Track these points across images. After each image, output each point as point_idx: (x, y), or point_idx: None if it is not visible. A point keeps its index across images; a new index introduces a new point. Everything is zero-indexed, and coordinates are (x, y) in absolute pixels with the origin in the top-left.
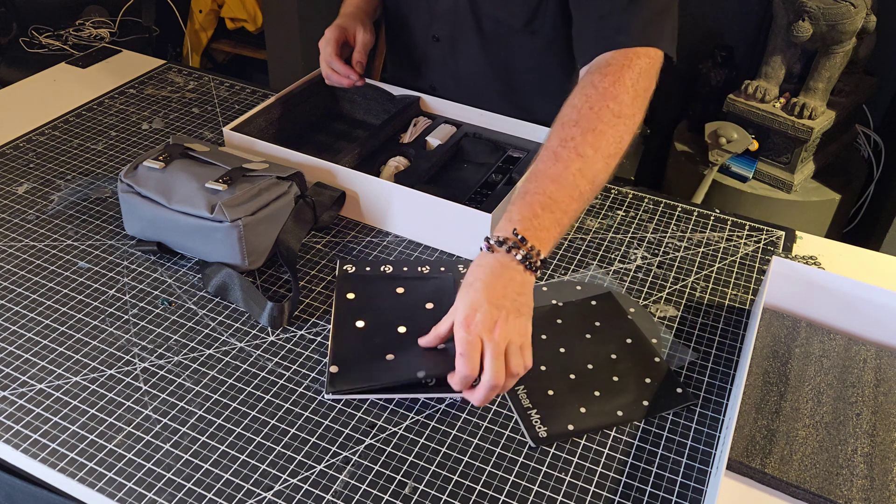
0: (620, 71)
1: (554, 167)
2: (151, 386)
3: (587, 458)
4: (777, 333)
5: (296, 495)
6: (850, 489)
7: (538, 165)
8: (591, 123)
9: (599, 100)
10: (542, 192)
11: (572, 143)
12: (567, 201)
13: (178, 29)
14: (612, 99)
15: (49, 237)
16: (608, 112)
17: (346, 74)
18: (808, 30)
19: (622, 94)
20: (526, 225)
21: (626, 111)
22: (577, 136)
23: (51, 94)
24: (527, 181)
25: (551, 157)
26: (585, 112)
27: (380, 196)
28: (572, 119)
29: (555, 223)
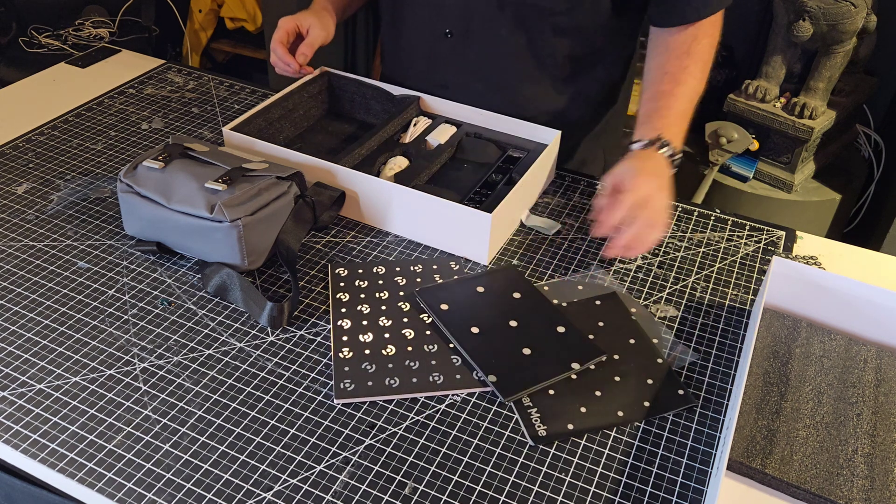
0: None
1: (677, 88)
2: (151, 386)
3: (587, 458)
4: (777, 333)
5: (295, 495)
6: (851, 489)
7: (660, 87)
8: (700, 55)
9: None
10: (673, 108)
11: (688, 70)
12: (687, 115)
13: (177, 29)
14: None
15: (48, 237)
16: (709, 45)
17: (285, 62)
18: (809, 29)
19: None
20: (666, 131)
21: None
22: (690, 64)
23: (50, 94)
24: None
25: (672, 80)
26: (694, 45)
27: (380, 196)
28: (684, 51)
29: (682, 132)
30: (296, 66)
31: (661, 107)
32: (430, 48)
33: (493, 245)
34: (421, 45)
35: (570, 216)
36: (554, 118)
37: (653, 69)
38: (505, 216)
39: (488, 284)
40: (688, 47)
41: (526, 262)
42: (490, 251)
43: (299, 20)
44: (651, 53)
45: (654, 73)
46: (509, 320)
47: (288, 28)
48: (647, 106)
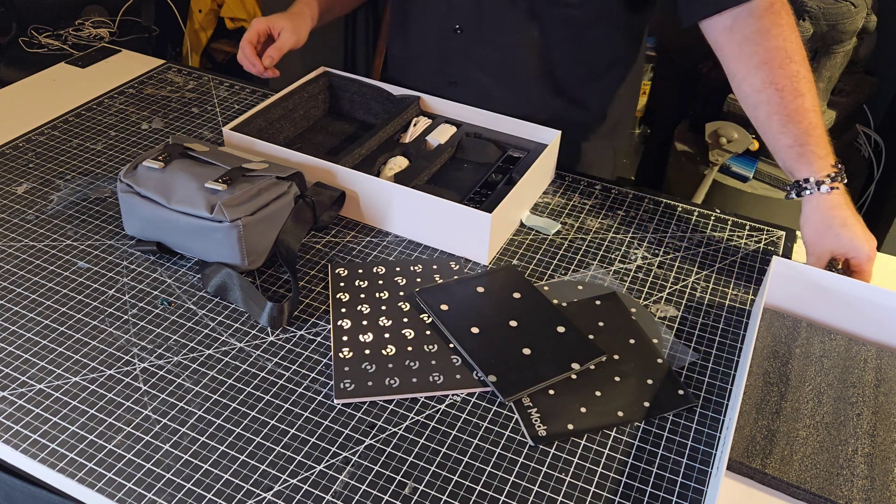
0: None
1: (806, 100)
2: (151, 386)
3: (587, 458)
4: (777, 333)
5: (295, 495)
6: (851, 489)
7: (790, 104)
8: (802, 57)
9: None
10: (817, 126)
11: (803, 77)
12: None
13: (177, 29)
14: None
15: (48, 237)
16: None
17: (251, 62)
18: (809, 29)
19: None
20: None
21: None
22: (801, 70)
23: (50, 94)
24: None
25: (794, 93)
26: (794, 48)
27: (380, 196)
28: (786, 57)
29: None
30: (260, 67)
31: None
32: (439, 45)
33: (493, 245)
34: (430, 42)
35: (570, 216)
36: (562, 118)
37: (759, 86)
38: (505, 216)
39: (488, 284)
40: (787, 52)
41: (526, 262)
42: (490, 251)
43: (272, 22)
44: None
45: (767, 93)
46: (509, 320)
47: (259, 29)
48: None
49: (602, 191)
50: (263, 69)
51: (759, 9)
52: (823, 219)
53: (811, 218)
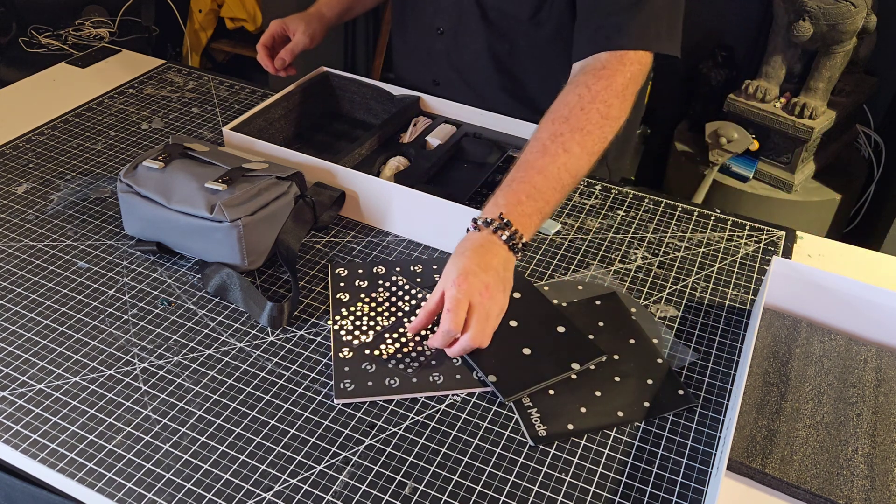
0: (613, 76)
1: (542, 160)
2: (151, 386)
3: (587, 458)
4: (777, 334)
5: (295, 495)
6: (851, 489)
7: (527, 156)
8: (580, 123)
9: (591, 101)
10: (529, 182)
11: (561, 140)
12: (550, 192)
13: (177, 29)
14: (603, 102)
15: (48, 237)
16: (597, 114)
17: (264, 64)
18: (809, 30)
19: (612, 98)
20: (511, 210)
21: (614, 114)
22: (566, 132)
23: (50, 94)
24: (515, 170)
25: (540, 150)
26: (577, 112)
27: (380, 196)
28: (563, 115)
29: (537, 211)
30: (272, 68)
31: (513, 181)
32: (426, 44)
33: None
34: (420, 41)
35: (570, 216)
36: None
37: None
38: None
39: None
40: (570, 110)
41: (526, 262)
42: None
43: (287, 24)
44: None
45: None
46: (509, 320)
47: (274, 31)
48: (509, 174)
49: (602, 191)
50: (275, 70)
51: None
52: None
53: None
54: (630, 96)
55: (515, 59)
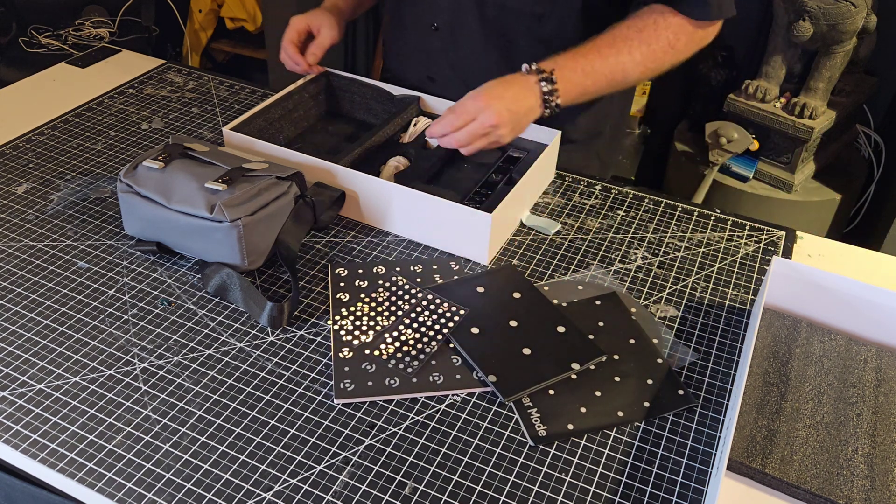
0: (687, 22)
1: (607, 49)
2: (151, 386)
3: (587, 458)
4: (777, 334)
5: (295, 495)
6: (851, 489)
7: (596, 41)
8: (649, 38)
9: (665, 28)
10: (588, 61)
11: (629, 43)
12: (600, 78)
13: (177, 29)
14: (674, 33)
15: (49, 237)
16: (666, 40)
17: (295, 61)
18: (809, 30)
19: (682, 35)
20: (563, 72)
21: (680, 47)
22: (635, 40)
23: (50, 94)
24: (582, 47)
25: (609, 42)
26: (650, 29)
27: (380, 196)
28: (637, 27)
29: (582, 87)
30: (305, 65)
31: (576, 53)
32: (421, 41)
33: (493, 245)
34: (415, 38)
35: (570, 216)
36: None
37: (612, 26)
38: (505, 216)
39: (488, 284)
40: (644, 25)
41: (526, 262)
42: (490, 251)
43: (310, 20)
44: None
45: (607, 29)
46: (509, 320)
47: (299, 28)
48: (575, 48)
49: (602, 191)
50: (308, 66)
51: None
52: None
53: None
54: (697, 41)
55: (514, 57)
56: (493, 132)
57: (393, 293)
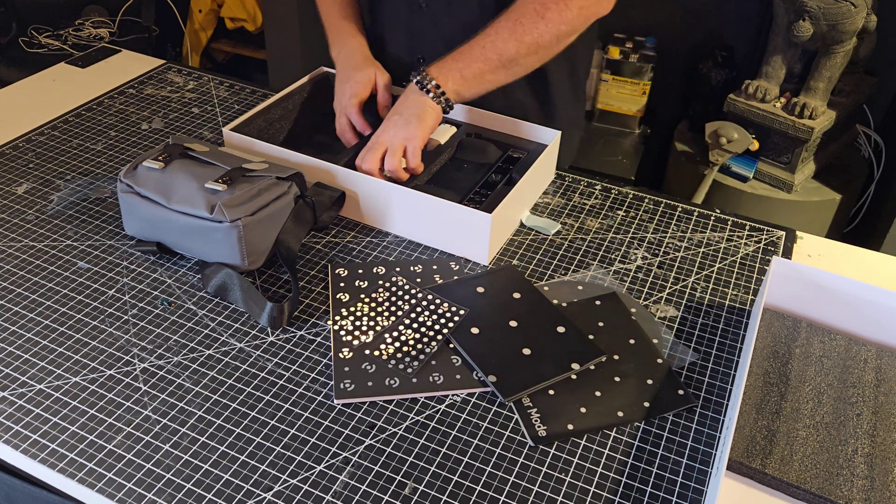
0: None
1: (473, 38)
2: (151, 386)
3: (587, 458)
4: (777, 334)
5: (295, 496)
6: (851, 490)
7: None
8: (514, 16)
9: (530, 2)
10: (458, 51)
11: (494, 26)
12: (471, 59)
13: (177, 29)
14: (540, 4)
15: (49, 237)
16: (532, 12)
17: (361, 129)
18: (809, 30)
19: (550, 3)
20: (433, 66)
21: (550, 16)
22: (501, 21)
23: (50, 94)
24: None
25: (479, 34)
26: (515, 8)
27: (379, 196)
28: (504, 14)
29: (456, 69)
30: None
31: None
32: (407, 20)
33: (493, 245)
34: (399, 18)
35: (570, 216)
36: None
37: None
38: (505, 216)
39: (488, 284)
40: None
41: (526, 262)
42: (490, 251)
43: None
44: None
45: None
46: (509, 320)
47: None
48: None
49: (602, 191)
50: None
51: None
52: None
53: None
54: (575, 9)
55: None
56: (393, 138)
57: (393, 293)
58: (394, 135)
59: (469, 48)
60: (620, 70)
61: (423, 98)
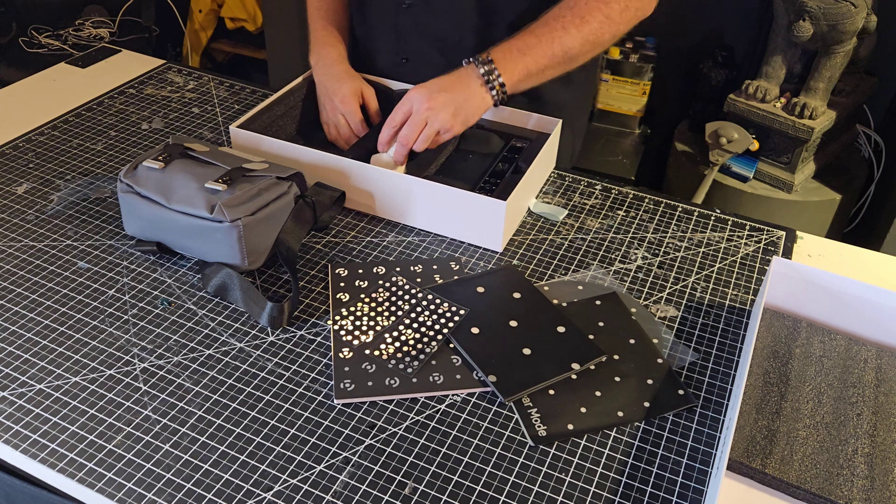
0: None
1: (540, 29)
2: (151, 386)
3: (587, 458)
4: (777, 334)
5: (295, 496)
6: (851, 490)
7: (529, 26)
8: (581, 12)
9: (596, 1)
10: (523, 41)
11: (561, 20)
12: (539, 55)
13: (177, 29)
14: (606, 4)
15: (49, 237)
16: (598, 11)
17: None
18: (809, 30)
19: (615, 4)
20: (498, 55)
21: (614, 17)
22: (567, 16)
23: (50, 94)
24: (518, 33)
25: (541, 23)
26: (581, 4)
27: (395, 188)
28: (569, 5)
29: (523, 64)
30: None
31: (511, 39)
32: (393, 20)
33: (507, 232)
34: (385, 18)
35: (570, 216)
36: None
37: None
38: (517, 204)
39: (488, 284)
40: (575, 2)
41: (526, 263)
42: (504, 238)
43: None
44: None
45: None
46: (509, 320)
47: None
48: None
49: (602, 191)
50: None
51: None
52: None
53: None
54: (633, 9)
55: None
56: (433, 117)
57: (393, 293)
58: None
59: (537, 41)
60: (620, 70)
61: (482, 90)
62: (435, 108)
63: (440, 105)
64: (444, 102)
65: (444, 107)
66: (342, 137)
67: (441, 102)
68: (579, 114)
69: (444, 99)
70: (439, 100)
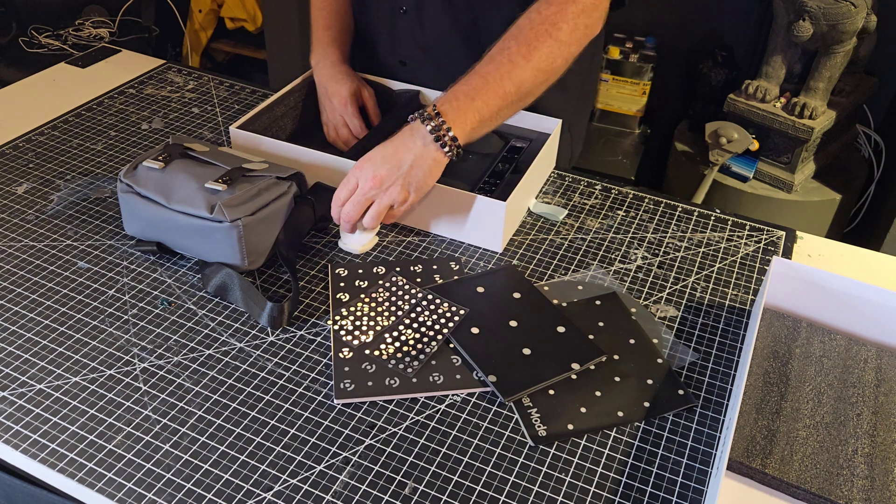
0: (565, 4)
1: (485, 67)
2: (151, 386)
3: (587, 458)
4: (777, 334)
5: (295, 496)
6: (851, 490)
7: (474, 66)
8: (527, 39)
9: (540, 23)
10: (468, 84)
11: (507, 52)
12: (490, 95)
13: (177, 29)
14: (552, 24)
15: (49, 237)
16: (545, 34)
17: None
18: (809, 30)
19: (562, 23)
20: (445, 106)
21: (563, 38)
22: (513, 46)
23: (50, 94)
24: (464, 76)
25: (486, 61)
26: (526, 30)
27: None
28: (513, 34)
29: (473, 109)
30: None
31: (459, 82)
32: (389, 24)
33: (507, 233)
34: (382, 21)
35: (570, 216)
36: None
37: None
38: (517, 204)
39: (488, 284)
40: (519, 30)
41: (526, 263)
42: (504, 239)
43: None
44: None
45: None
46: (509, 320)
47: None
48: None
49: (602, 191)
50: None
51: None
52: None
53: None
54: (582, 27)
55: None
56: (381, 195)
57: (393, 293)
58: (389, 193)
59: (484, 81)
60: (620, 70)
61: (431, 149)
62: (380, 185)
63: (385, 179)
64: (389, 176)
65: (390, 181)
66: (341, 139)
67: (385, 177)
68: (579, 119)
69: (388, 172)
70: (382, 174)
